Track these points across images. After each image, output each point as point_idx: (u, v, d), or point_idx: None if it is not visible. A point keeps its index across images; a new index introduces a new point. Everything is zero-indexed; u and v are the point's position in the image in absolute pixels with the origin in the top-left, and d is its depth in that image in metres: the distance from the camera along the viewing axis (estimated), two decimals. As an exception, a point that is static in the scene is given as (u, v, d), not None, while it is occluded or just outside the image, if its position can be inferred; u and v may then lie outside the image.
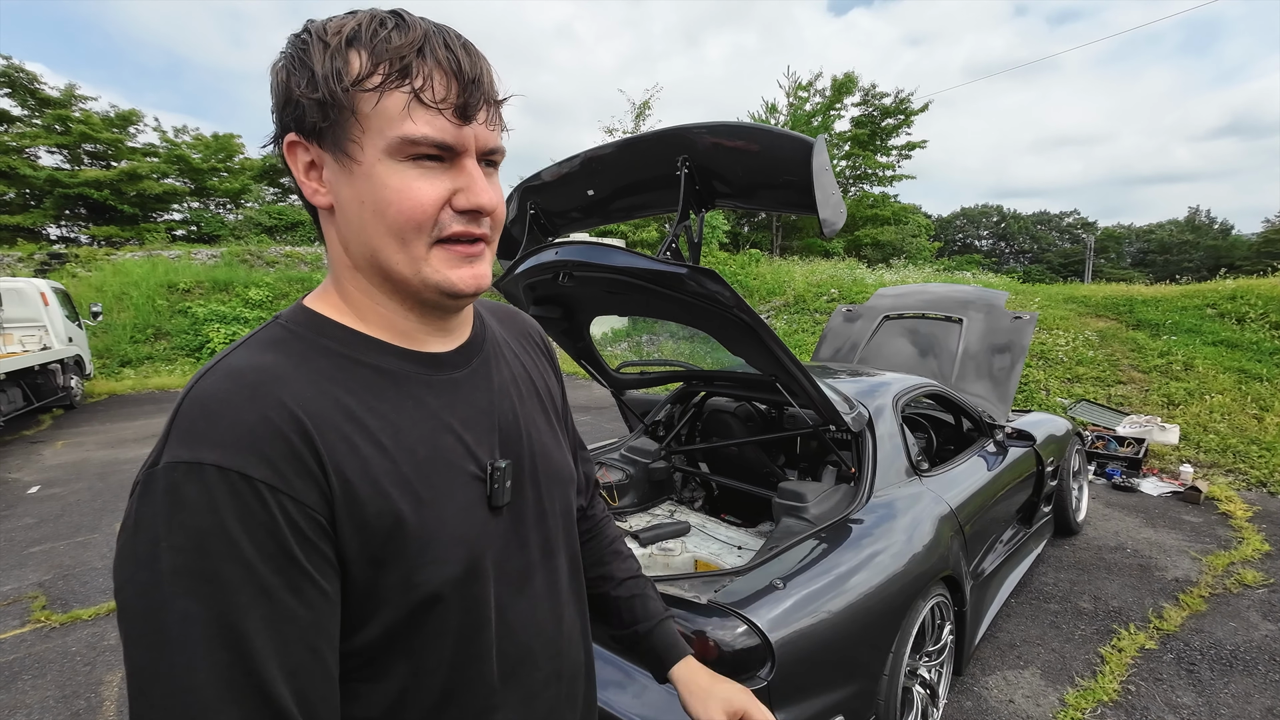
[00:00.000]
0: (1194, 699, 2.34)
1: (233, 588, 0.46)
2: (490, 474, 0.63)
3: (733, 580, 1.64)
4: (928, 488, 2.25)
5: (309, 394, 0.53)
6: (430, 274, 0.58)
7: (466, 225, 0.58)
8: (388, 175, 0.54)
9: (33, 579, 3.45)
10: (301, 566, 0.49)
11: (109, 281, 12.70)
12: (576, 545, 0.80)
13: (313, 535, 0.50)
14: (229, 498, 0.47)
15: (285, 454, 0.50)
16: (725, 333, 1.91)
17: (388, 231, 0.56)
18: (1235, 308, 7.99)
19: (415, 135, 0.53)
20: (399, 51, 0.52)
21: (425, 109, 0.53)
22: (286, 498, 0.49)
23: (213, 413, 0.49)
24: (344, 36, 0.52)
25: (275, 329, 0.59)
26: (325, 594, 0.51)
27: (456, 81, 0.54)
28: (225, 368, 0.53)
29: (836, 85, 24.30)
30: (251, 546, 0.47)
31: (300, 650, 0.49)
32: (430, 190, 0.55)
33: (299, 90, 0.53)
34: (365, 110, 0.53)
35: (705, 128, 1.68)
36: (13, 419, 6.89)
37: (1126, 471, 4.94)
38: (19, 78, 18.83)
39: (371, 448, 0.55)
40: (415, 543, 0.55)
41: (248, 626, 0.46)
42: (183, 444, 0.48)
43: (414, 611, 0.56)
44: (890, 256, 22.53)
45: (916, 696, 1.97)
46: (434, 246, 0.57)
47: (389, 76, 0.52)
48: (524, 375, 0.76)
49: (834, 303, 11.28)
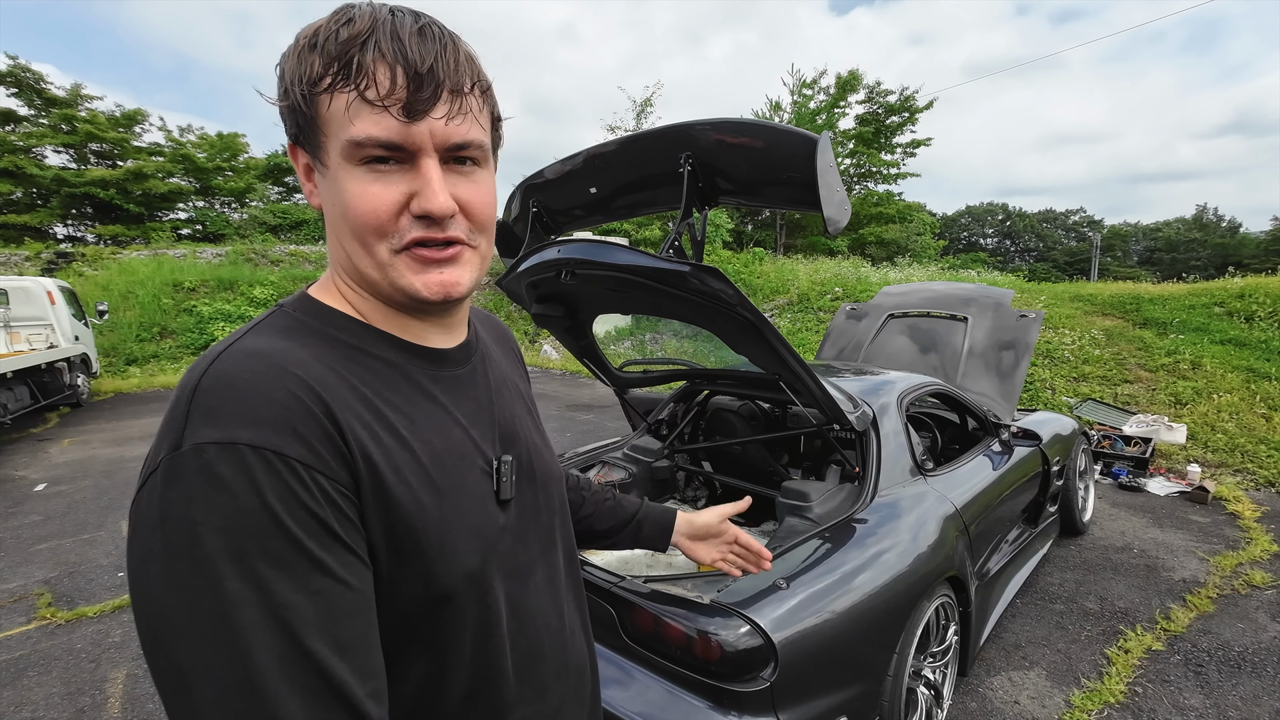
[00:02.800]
0: (1201, 701, 2.32)
1: (284, 566, 0.45)
2: (497, 468, 0.64)
3: (736, 580, 1.63)
4: (932, 487, 2.23)
5: (330, 380, 0.52)
6: (397, 278, 0.56)
7: (426, 230, 0.54)
8: (346, 180, 0.52)
9: (39, 576, 3.46)
10: (345, 543, 0.49)
11: (115, 280, 12.77)
12: (572, 540, 0.81)
13: (350, 512, 0.50)
14: (268, 476, 0.45)
15: (317, 433, 0.48)
16: (728, 331, 1.89)
17: (352, 235, 0.54)
18: (1243, 306, 7.92)
19: (358, 137, 0.50)
20: (344, 48, 0.49)
21: (370, 107, 0.50)
22: (323, 476, 0.48)
23: (241, 392, 0.47)
24: (307, 39, 0.51)
25: (284, 316, 0.57)
26: (368, 568, 0.51)
27: (404, 74, 0.50)
28: (243, 349, 0.51)
29: (841, 83, 24.20)
30: (297, 525, 0.46)
31: (355, 625, 0.48)
32: (384, 195, 0.52)
33: (277, 97, 0.53)
34: (324, 114, 0.51)
35: (709, 124, 1.67)
36: (20, 417, 6.92)
37: (1133, 471, 4.90)
38: (25, 77, 18.94)
39: (390, 436, 0.54)
40: (435, 534, 0.55)
41: (302, 606, 0.45)
42: (210, 424, 0.46)
43: (434, 603, 0.56)
44: (895, 255, 22.43)
45: (921, 697, 1.96)
46: (398, 254, 0.55)
47: (336, 76, 0.50)
48: (510, 378, 0.77)
49: (838, 301, 11.25)
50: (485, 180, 0.59)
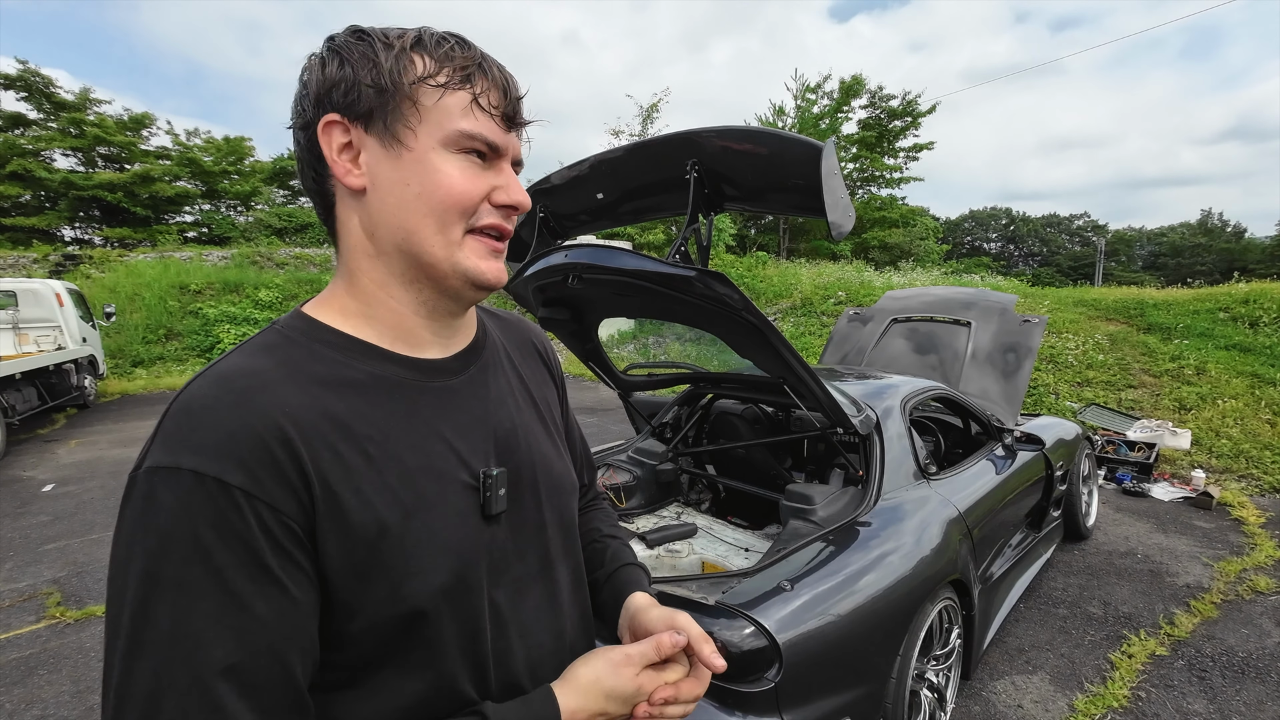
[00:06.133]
0: (1205, 706, 2.32)
1: (198, 593, 0.46)
2: (483, 482, 0.63)
3: (740, 581, 1.65)
4: (936, 491, 2.24)
5: (296, 401, 0.54)
6: (462, 259, 0.61)
7: (500, 219, 0.63)
8: (441, 161, 0.58)
9: (48, 575, 3.49)
10: (274, 575, 0.49)
11: (122, 282, 12.86)
12: (579, 556, 0.78)
13: (287, 544, 0.50)
14: (204, 503, 0.47)
15: (264, 461, 0.50)
16: (733, 335, 1.91)
17: (430, 213, 0.59)
18: (1248, 311, 7.90)
19: (473, 131, 0.59)
20: (463, 61, 0.59)
21: (482, 111, 0.59)
22: (263, 504, 0.49)
23: (195, 418, 0.50)
24: (408, 41, 0.58)
25: (271, 334, 0.60)
26: (297, 603, 0.51)
27: (505, 95, 0.61)
28: (215, 373, 0.54)
29: (844, 88, 24.24)
30: (224, 552, 0.47)
31: (267, 661, 0.49)
32: (477, 182, 0.61)
33: (359, 77, 0.56)
34: (426, 103, 0.58)
35: (714, 131, 1.70)
36: (28, 418, 6.97)
37: (1137, 476, 4.90)
38: (35, 81, 19.10)
39: (358, 456, 0.55)
40: (400, 552, 0.55)
41: (211, 634, 0.46)
42: (164, 449, 0.49)
43: (404, 621, 0.56)
44: (898, 259, 22.42)
45: (924, 700, 1.96)
46: (468, 235, 0.62)
47: (453, 78, 0.58)
48: (520, 385, 0.75)
49: (841, 305, 11.25)
50: None
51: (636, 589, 0.82)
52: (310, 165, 0.61)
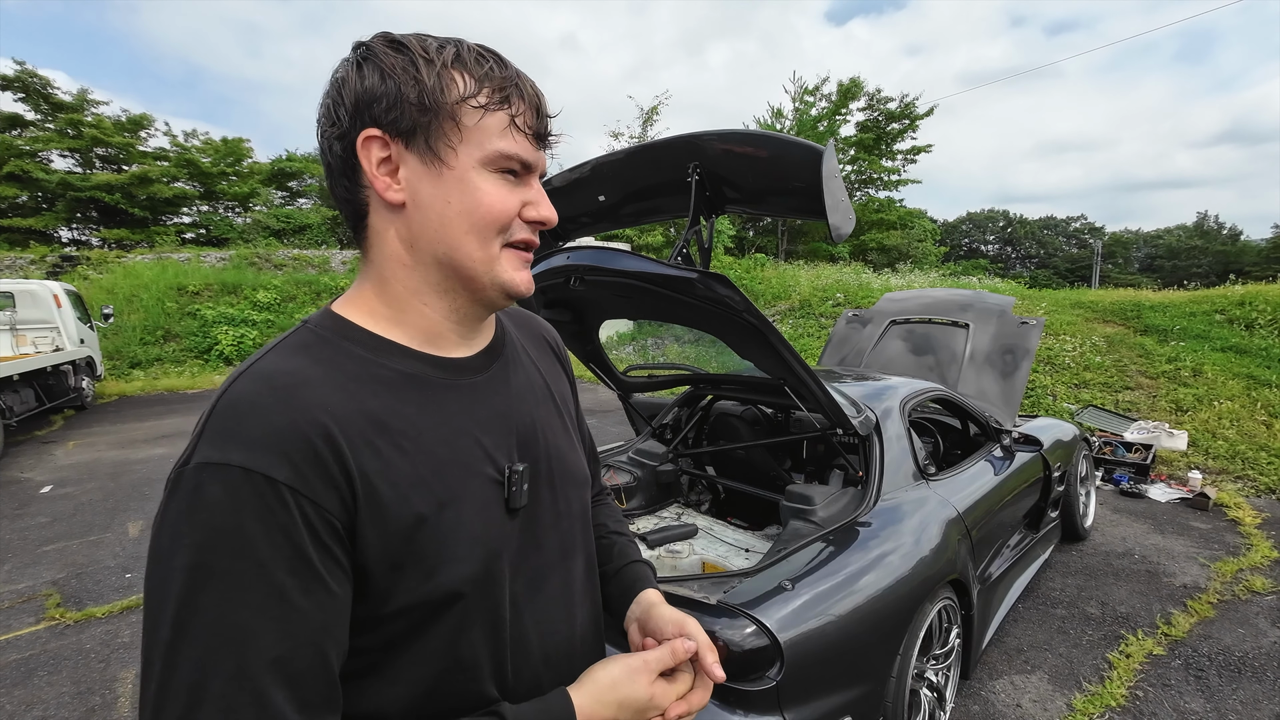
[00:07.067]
0: (1202, 705, 2.34)
1: (244, 586, 0.48)
2: (508, 477, 0.64)
3: (741, 581, 1.66)
4: (935, 491, 2.25)
5: (336, 399, 0.55)
6: (500, 272, 0.64)
7: (530, 234, 0.66)
8: (481, 180, 0.61)
9: (47, 577, 3.49)
10: (315, 569, 0.51)
11: (120, 284, 12.84)
12: (592, 547, 0.81)
13: (328, 539, 0.52)
14: (251, 498, 0.49)
15: (309, 458, 0.51)
16: (734, 336, 1.93)
17: (471, 229, 0.61)
18: (1244, 313, 7.94)
19: (511, 151, 0.61)
20: (502, 82, 0.60)
21: (517, 131, 0.61)
22: (307, 501, 0.51)
23: (242, 415, 0.52)
24: (448, 57, 0.59)
25: (304, 333, 0.61)
26: (335, 597, 0.52)
27: (538, 114, 0.63)
28: (256, 371, 0.55)
29: (842, 90, 24.31)
30: (268, 547, 0.49)
31: (308, 653, 0.50)
32: (512, 198, 0.63)
33: (403, 94, 0.57)
34: (467, 123, 0.59)
35: (715, 135, 1.71)
36: (25, 419, 6.95)
37: (1134, 477, 4.92)
38: (32, 82, 19.07)
39: (394, 451, 0.57)
40: (434, 543, 0.57)
41: (255, 626, 0.48)
42: (213, 445, 0.50)
43: (432, 609, 0.58)
44: (896, 261, 22.48)
45: (924, 699, 1.98)
46: (505, 248, 0.64)
47: (493, 99, 0.60)
48: (539, 380, 0.78)
49: (840, 307, 11.28)
50: None
51: (646, 586, 0.85)
52: (343, 175, 0.61)
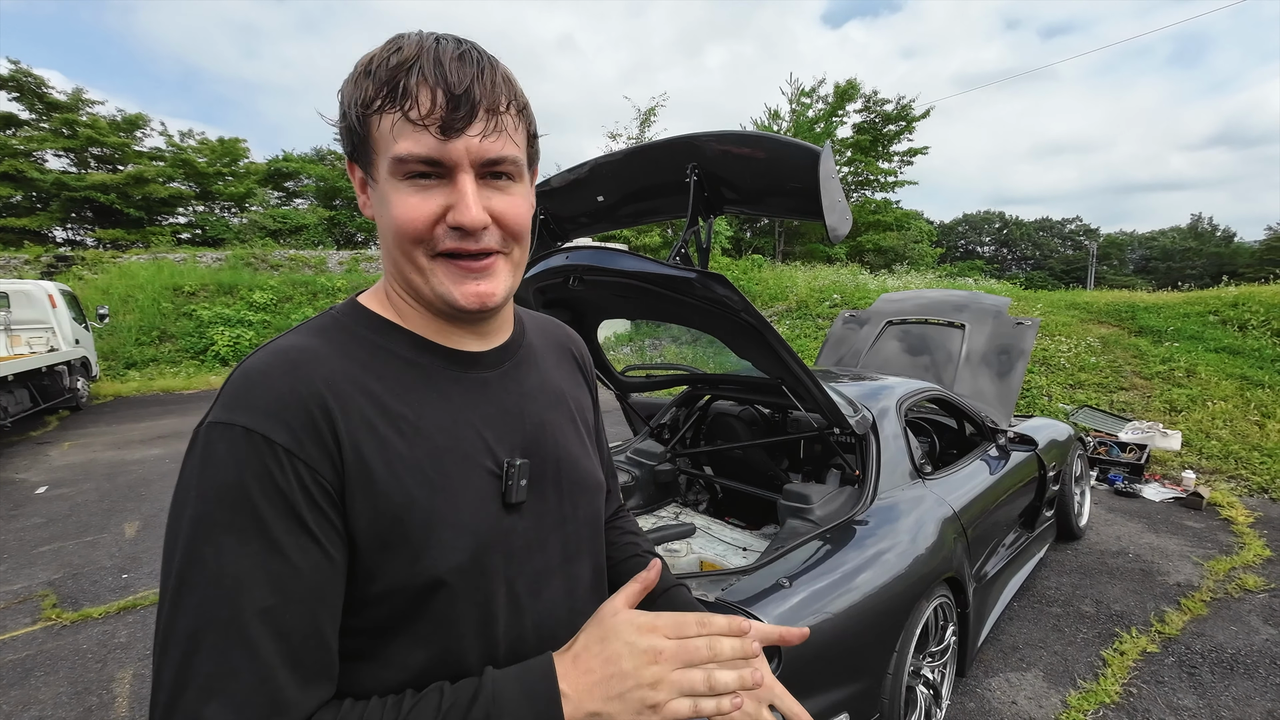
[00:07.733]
0: (1195, 701, 2.36)
1: (242, 538, 0.50)
2: (505, 471, 0.64)
3: (739, 579, 1.67)
4: (931, 490, 2.27)
5: (340, 376, 0.58)
6: (437, 285, 0.61)
7: (459, 242, 0.59)
8: (391, 193, 0.58)
9: (42, 578, 3.48)
10: (309, 530, 0.53)
11: (115, 284, 12.78)
12: (602, 556, 0.79)
13: (323, 503, 0.54)
14: (251, 457, 0.51)
15: (305, 424, 0.54)
16: (732, 336, 1.94)
17: (395, 244, 0.60)
18: (1237, 315, 8.01)
19: (401, 153, 0.55)
20: (393, 74, 0.54)
21: (412, 126, 0.54)
22: (302, 464, 0.53)
23: (251, 383, 0.55)
24: (363, 67, 0.56)
25: (325, 318, 0.65)
26: (330, 559, 0.54)
27: (443, 95, 0.54)
28: (275, 346, 0.59)
29: (839, 92, 24.38)
30: (266, 504, 0.51)
31: (299, 610, 0.51)
32: (423, 207, 0.57)
33: (346, 118, 0.59)
34: (375, 134, 0.57)
35: (713, 136, 1.72)
36: (20, 420, 6.92)
37: (1129, 477, 4.95)
38: (27, 82, 18.97)
39: (391, 431, 0.58)
40: (423, 527, 0.57)
41: (249, 577, 0.50)
42: (223, 408, 0.54)
43: (419, 593, 0.58)
44: (893, 262, 22.57)
45: (920, 696, 1.99)
46: (436, 259, 0.60)
47: (385, 99, 0.55)
48: (554, 384, 0.77)
49: (836, 308, 11.32)
50: (519, 193, 0.62)
51: None
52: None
